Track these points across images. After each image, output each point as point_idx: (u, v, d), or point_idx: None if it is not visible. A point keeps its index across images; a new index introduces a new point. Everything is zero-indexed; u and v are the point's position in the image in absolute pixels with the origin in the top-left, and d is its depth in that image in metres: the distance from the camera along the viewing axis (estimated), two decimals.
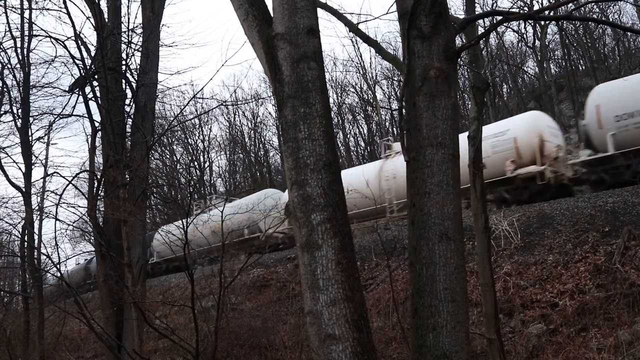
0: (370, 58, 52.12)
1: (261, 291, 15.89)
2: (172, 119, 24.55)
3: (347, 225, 3.77)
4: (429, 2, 3.76)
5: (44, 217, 14.59)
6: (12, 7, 16.19)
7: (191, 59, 52.94)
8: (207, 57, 36.41)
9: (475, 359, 8.86)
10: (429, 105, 3.77)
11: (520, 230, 12.27)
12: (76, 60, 11.60)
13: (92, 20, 11.26)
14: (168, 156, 41.35)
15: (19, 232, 14.47)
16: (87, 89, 11.51)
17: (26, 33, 14.37)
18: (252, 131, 44.50)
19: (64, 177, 29.10)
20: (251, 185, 40.06)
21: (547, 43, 33.83)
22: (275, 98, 3.98)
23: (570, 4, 6.46)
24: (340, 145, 41.14)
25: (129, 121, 11.56)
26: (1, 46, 14.12)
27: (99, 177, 10.77)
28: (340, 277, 3.57)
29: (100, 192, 11.09)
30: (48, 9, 13.17)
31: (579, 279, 10.14)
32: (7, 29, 15.30)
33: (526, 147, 15.75)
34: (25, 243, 13.90)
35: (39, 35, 14.11)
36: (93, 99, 11.43)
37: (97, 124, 11.33)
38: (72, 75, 15.48)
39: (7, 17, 16.99)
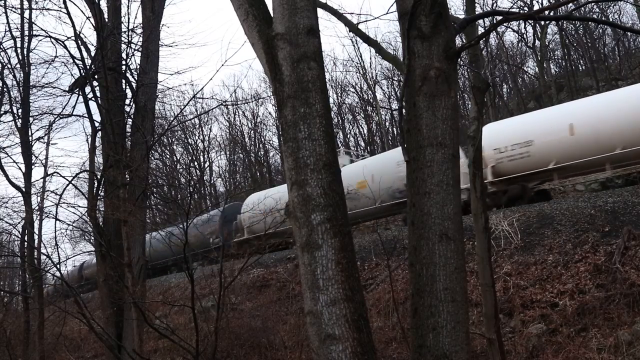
0: (370, 58, 52.16)
1: (261, 291, 15.88)
2: (172, 119, 24.53)
3: (347, 225, 3.77)
4: (429, 2, 3.76)
5: (44, 217, 14.58)
6: (12, 7, 16.23)
7: (191, 59, 53.00)
8: (207, 57, 36.40)
9: (475, 359, 8.86)
10: (429, 105, 3.77)
11: (520, 230, 12.27)
12: (76, 60, 11.61)
13: (92, 20, 11.27)
14: (168, 156, 41.33)
15: (19, 232, 14.47)
16: (87, 89, 11.52)
17: (26, 33, 14.38)
18: (252, 131, 44.54)
19: (64, 177, 29.13)
20: (251, 185, 40.05)
21: (547, 43, 33.82)
22: (275, 98, 3.99)
23: (570, 4, 6.46)
24: (340, 145, 41.14)
25: (129, 121, 11.55)
26: (1, 46, 14.13)
27: (99, 177, 10.77)
28: (340, 277, 3.58)
29: (100, 192, 11.09)
30: (48, 9, 13.17)
31: (579, 279, 10.14)
32: (7, 29, 15.31)
33: None
34: (25, 243, 13.89)
35: (39, 35, 14.13)
36: (93, 99, 11.43)
37: (97, 124, 11.34)
38: (72, 75, 15.47)
39: (7, 17, 17.02)
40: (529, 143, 14.45)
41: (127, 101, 11.81)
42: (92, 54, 11.63)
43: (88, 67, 11.34)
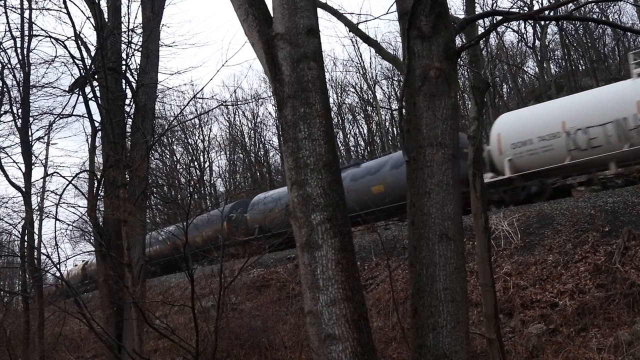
0: (370, 58, 52.18)
1: (261, 291, 15.89)
2: (172, 119, 24.52)
3: (347, 225, 3.77)
4: (429, 2, 3.76)
5: (44, 217, 14.59)
6: (12, 7, 16.26)
7: (191, 59, 53.05)
8: (207, 57, 36.44)
9: (475, 359, 8.86)
10: (429, 105, 3.77)
11: (520, 230, 12.27)
12: (76, 60, 11.61)
13: (92, 20, 11.26)
14: (168, 156, 41.30)
15: (19, 232, 14.48)
16: (87, 89, 11.51)
17: (26, 33, 14.39)
18: (252, 131, 44.50)
19: (64, 177, 29.24)
20: (251, 185, 40.02)
21: (547, 43, 33.81)
22: (275, 98, 3.98)
23: (570, 4, 6.46)
24: (340, 145, 41.13)
25: (129, 121, 11.55)
26: (1, 46, 14.14)
27: (99, 177, 10.77)
28: (340, 277, 3.57)
29: (100, 192, 11.09)
30: (48, 9, 13.22)
31: (579, 279, 10.15)
32: (7, 29, 15.34)
33: None
34: (25, 243, 13.90)
35: (39, 35, 14.12)
36: (93, 99, 11.42)
37: (97, 124, 11.33)
38: (72, 75, 15.50)
39: (7, 17, 17.06)
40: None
41: (127, 101, 11.80)
42: (92, 54, 11.63)
43: (88, 67, 11.34)
